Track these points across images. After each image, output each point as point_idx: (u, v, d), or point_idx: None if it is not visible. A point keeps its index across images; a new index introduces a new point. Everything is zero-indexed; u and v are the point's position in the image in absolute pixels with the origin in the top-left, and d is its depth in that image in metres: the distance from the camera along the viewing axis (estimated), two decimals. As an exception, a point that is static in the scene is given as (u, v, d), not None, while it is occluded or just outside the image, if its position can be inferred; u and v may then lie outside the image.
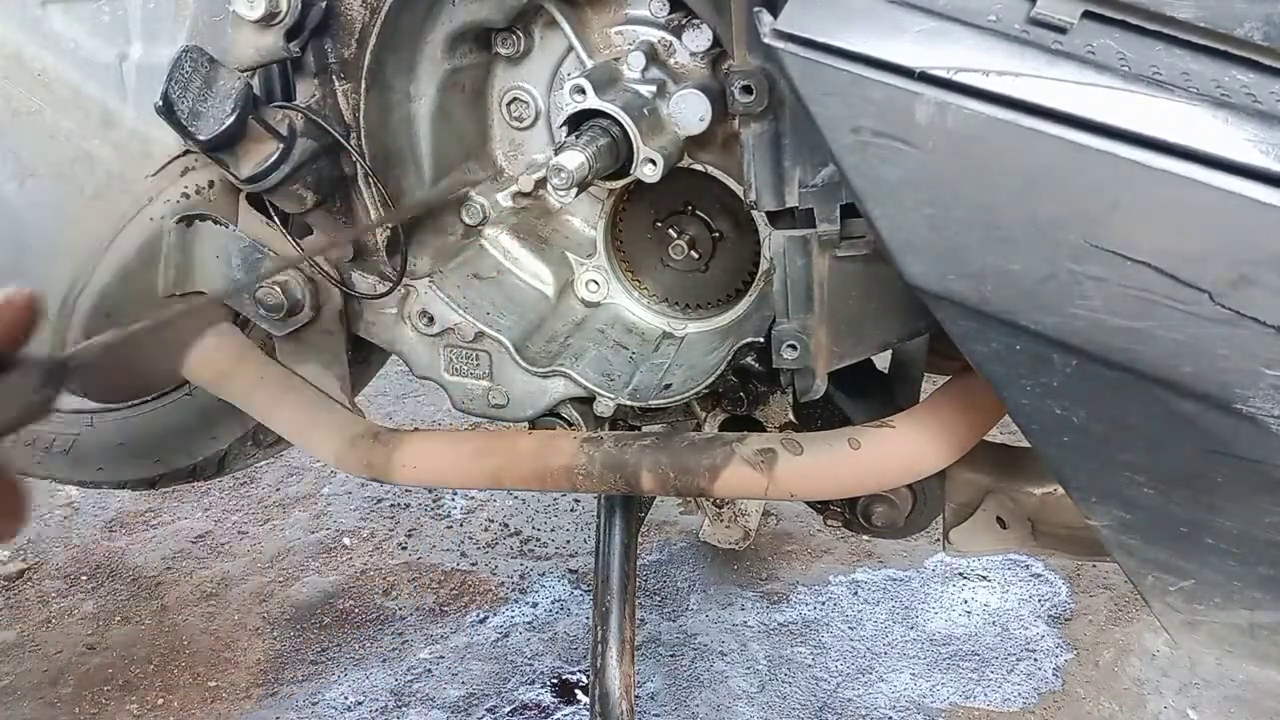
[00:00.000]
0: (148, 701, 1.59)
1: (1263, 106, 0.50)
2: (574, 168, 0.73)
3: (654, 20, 0.83)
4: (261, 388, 0.97)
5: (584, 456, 0.87)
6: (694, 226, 0.92)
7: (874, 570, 1.83)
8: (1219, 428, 0.56)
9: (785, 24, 0.55)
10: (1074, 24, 0.53)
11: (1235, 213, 0.50)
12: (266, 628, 1.73)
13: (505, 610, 1.76)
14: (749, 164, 0.71)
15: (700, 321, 0.96)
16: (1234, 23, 0.52)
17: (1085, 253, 0.54)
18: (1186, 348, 0.54)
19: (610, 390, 0.90)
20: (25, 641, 1.72)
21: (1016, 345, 0.59)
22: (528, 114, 0.91)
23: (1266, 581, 0.65)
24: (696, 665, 1.61)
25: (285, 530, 2.00)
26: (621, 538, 1.12)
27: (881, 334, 0.78)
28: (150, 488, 1.39)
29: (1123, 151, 0.51)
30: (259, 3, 0.76)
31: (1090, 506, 0.66)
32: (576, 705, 1.54)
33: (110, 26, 0.93)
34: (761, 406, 0.95)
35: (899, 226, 0.58)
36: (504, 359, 0.91)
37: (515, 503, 2.06)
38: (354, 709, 1.55)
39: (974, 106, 0.53)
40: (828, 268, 0.73)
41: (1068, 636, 1.66)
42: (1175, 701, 1.52)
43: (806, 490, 0.85)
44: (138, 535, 2.00)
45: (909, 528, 0.95)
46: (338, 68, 0.81)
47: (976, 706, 1.53)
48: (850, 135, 0.56)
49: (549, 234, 0.96)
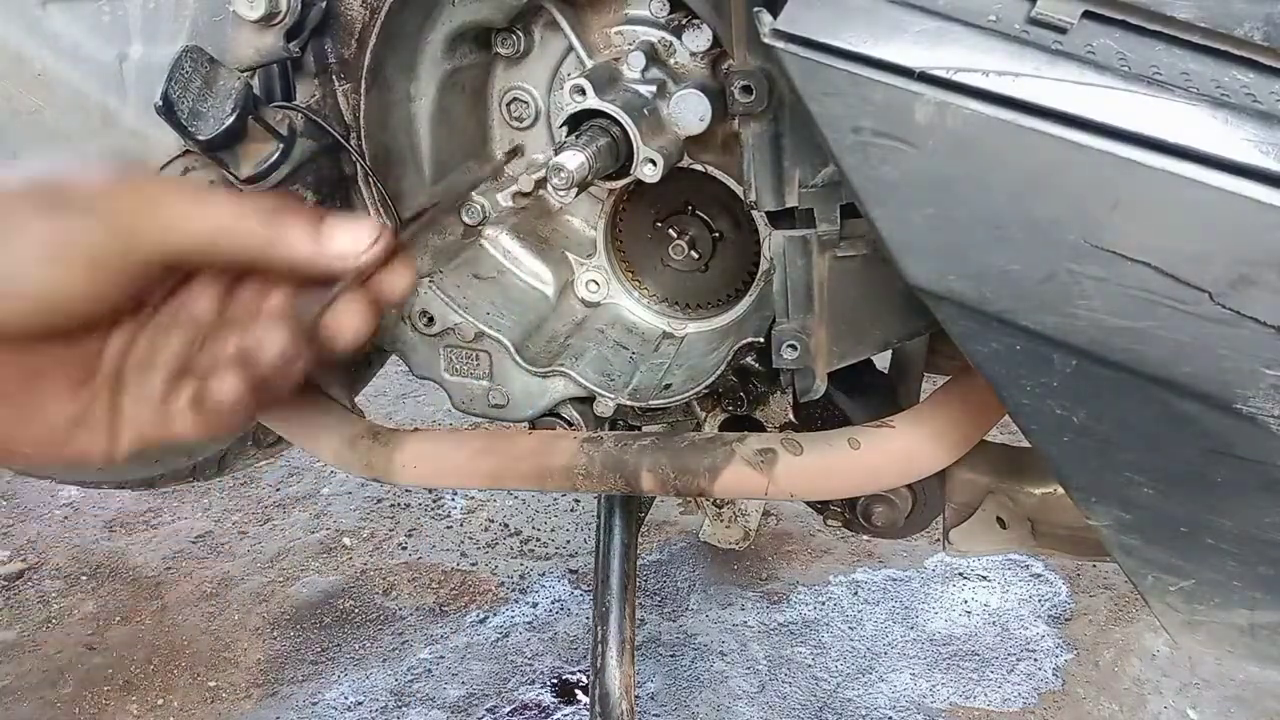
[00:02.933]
0: (148, 701, 1.59)
1: (1263, 106, 0.50)
2: (574, 168, 0.73)
3: (654, 20, 0.83)
4: (261, 388, 0.97)
5: (584, 456, 0.87)
6: (694, 226, 0.92)
7: (874, 570, 1.83)
8: (1219, 428, 0.56)
9: (785, 24, 0.55)
10: (1074, 24, 0.53)
11: (1235, 213, 0.50)
12: (266, 628, 1.73)
13: (505, 610, 1.76)
14: (749, 164, 0.71)
15: (700, 321, 0.96)
16: (1234, 23, 0.52)
17: (1085, 253, 0.54)
18: (1186, 348, 0.54)
19: (610, 390, 0.90)
20: (25, 641, 1.72)
21: (1016, 345, 0.59)
22: (528, 114, 0.91)
23: (1266, 581, 0.65)
24: (696, 665, 1.61)
25: (285, 530, 2.00)
26: (621, 538, 1.12)
27: (881, 334, 0.78)
28: (150, 488, 1.39)
29: (1123, 151, 0.51)
30: (259, 3, 0.76)
31: (1090, 506, 0.66)
32: (576, 705, 1.54)
33: (110, 26, 0.93)
34: (761, 406, 0.95)
35: (899, 226, 0.58)
36: (504, 359, 0.91)
37: (515, 503, 2.06)
38: (354, 709, 1.55)
39: (974, 106, 0.52)
40: (828, 268, 0.73)
41: (1068, 636, 1.66)
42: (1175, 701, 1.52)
43: (806, 490, 0.85)
44: (138, 535, 2.00)
45: (909, 528, 0.95)
46: (338, 68, 0.81)
47: (976, 706, 1.53)
48: (850, 135, 0.56)
49: (549, 234, 0.96)
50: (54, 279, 0.48)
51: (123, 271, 0.50)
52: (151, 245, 0.51)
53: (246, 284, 0.57)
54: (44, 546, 1.97)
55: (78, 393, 0.54)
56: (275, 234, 0.53)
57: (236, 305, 0.56)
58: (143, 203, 0.51)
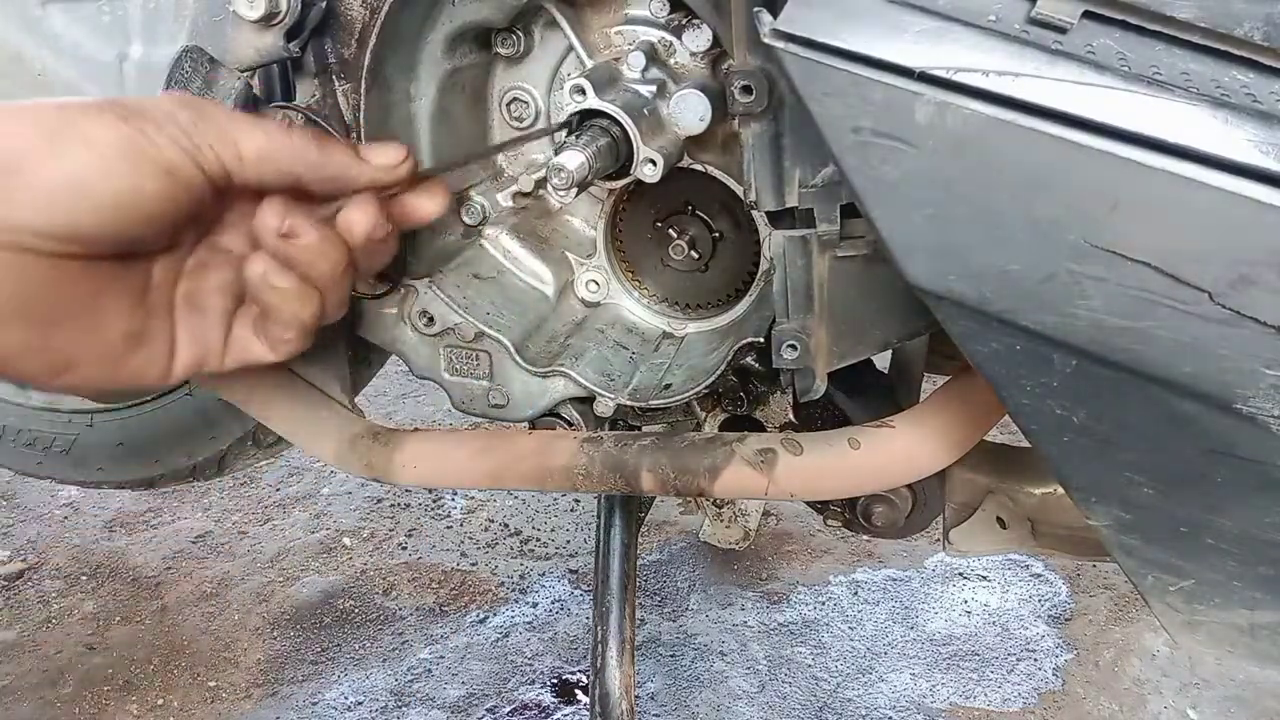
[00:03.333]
0: (148, 701, 1.59)
1: (1263, 106, 0.50)
2: (574, 168, 0.73)
3: (654, 20, 0.83)
4: (261, 387, 0.97)
5: (584, 457, 0.87)
6: (694, 226, 0.92)
7: (874, 570, 1.83)
8: (1219, 428, 0.56)
9: (785, 24, 0.55)
10: (1074, 24, 0.53)
11: (1235, 213, 0.50)
12: (266, 628, 1.73)
13: (505, 610, 1.76)
14: (749, 164, 0.71)
15: (700, 321, 0.96)
16: (1234, 23, 0.52)
17: (1085, 253, 0.54)
18: (1186, 348, 0.54)
19: (610, 390, 0.90)
20: (25, 641, 1.72)
21: (1016, 345, 0.59)
22: (528, 114, 0.91)
23: (1266, 581, 0.65)
24: (696, 665, 1.61)
25: (285, 530, 2.00)
26: (621, 538, 1.12)
27: (881, 334, 0.77)
28: (150, 488, 1.39)
29: (1123, 151, 0.51)
30: (259, 3, 0.76)
31: (1090, 506, 0.66)
32: (576, 705, 1.54)
33: (110, 26, 0.93)
34: (761, 406, 0.95)
35: (899, 226, 0.58)
36: (504, 359, 0.91)
37: (515, 503, 2.06)
38: (354, 709, 1.55)
39: (974, 106, 0.53)
40: (828, 268, 0.73)
41: (1068, 636, 1.66)
42: (1175, 701, 1.52)
43: (806, 490, 0.85)
44: (138, 535, 2.00)
45: (909, 528, 0.95)
46: (338, 68, 0.81)
47: (976, 706, 1.53)
48: (850, 135, 0.56)
49: (549, 234, 0.96)
50: (129, 185, 0.53)
51: (189, 182, 0.55)
52: (214, 157, 0.56)
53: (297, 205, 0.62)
54: (44, 546, 1.97)
55: (134, 311, 0.59)
56: (324, 149, 0.61)
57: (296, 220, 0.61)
58: (207, 120, 0.56)
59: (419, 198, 0.65)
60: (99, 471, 1.36)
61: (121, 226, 0.54)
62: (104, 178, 0.52)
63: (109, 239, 0.54)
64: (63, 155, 0.51)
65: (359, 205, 0.62)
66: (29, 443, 1.36)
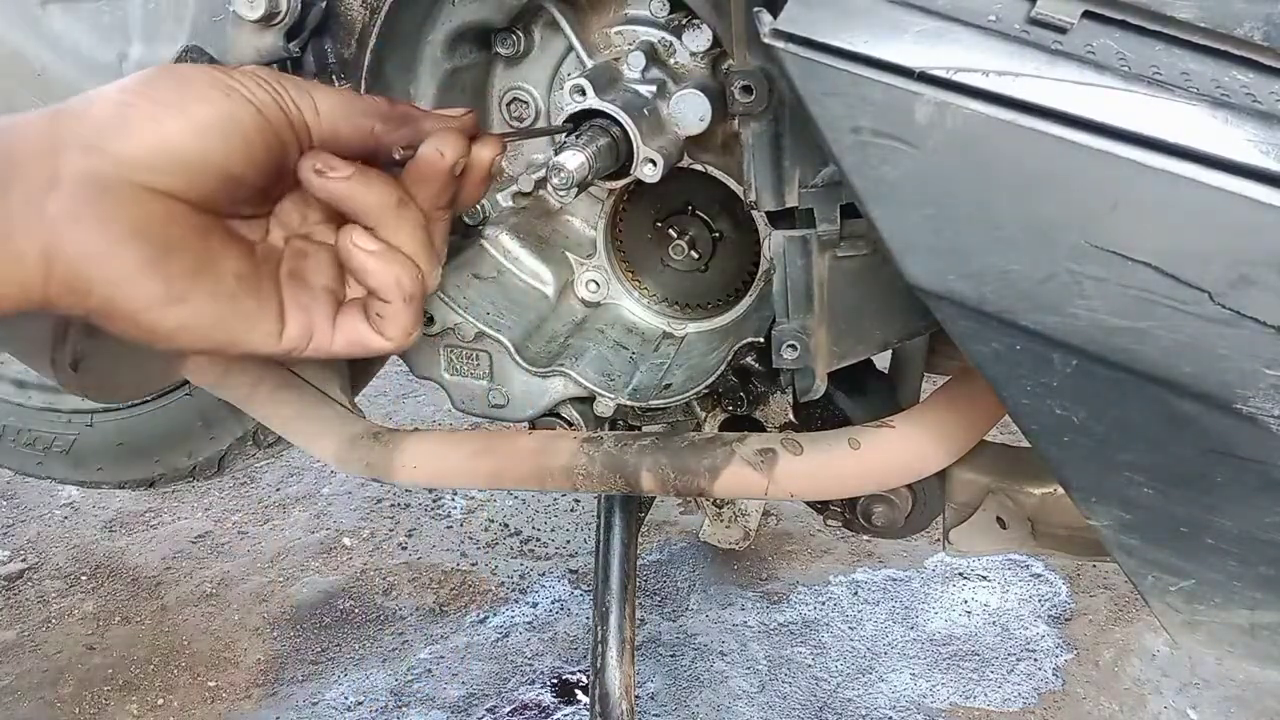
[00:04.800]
0: (148, 701, 1.59)
1: (1263, 106, 0.50)
2: (574, 168, 0.73)
3: (654, 20, 0.83)
4: (261, 388, 0.97)
5: (584, 457, 0.87)
6: (694, 227, 0.92)
7: (874, 570, 1.83)
8: (1219, 428, 0.56)
9: (785, 24, 0.55)
10: (1074, 24, 0.53)
11: (1235, 213, 0.50)
12: (266, 628, 1.73)
13: (505, 610, 1.76)
14: (749, 164, 0.70)
15: (700, 321, 0.96)
16: (1234, 23, 0.52)
17: (1085, 253, 0.54)
18: (1186, 348, 0.54)
19: (610, 390, 0.90)
20: (25, 641, 1.72)
21: (1016, 345, 0.59)
22: (528, 114, 0.91)
23: (1266, 581, 0.65)
24: (696, 665, 1.62)
25: (285, 530, 2.00)
26: (621, 538, 1.12)
27: (881, 334, 0.78)
28: (150, 488, 1.40)
29: (1123, 151, 0.51)
30: (259, 3, 0.76)
31: (1090, 506, 0.66)
32: (576, 705, 1.54)
33: (110, 26, 0.93)
34: (761, 406, 0.95)
35: (899, 226, 0.58)
36: (504, 359, 0.91)
37: (515, 503, 2.06)
38: (354, 709, 1.55)
39: (974, 106, 0.52)
40: (828, 268, 0.73)
41: (1068, 636, 1.66)
42: (1175, 701, 1.52)
43: (806, 490, 0.85)
44: (138, 535, 2.00)
45: (909, 528, 0.95)
46: (338, 68, 0.81)
47: (976, 706, 1.53)
48: (850, 135, 0.56)
49: (549, 234, 0.96)
50: (224, 110, 0.56)
51: (276, 123, 0.58)
52: (294, 106, 0.59)
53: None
54: (44, 546, 1.97)
55: (244, 259, 0.61)
56: (394, 103, 0.64)
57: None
58: (283, 76, 0.60)
59: (480, 146, 0.67)
60: (99, 471, 1.36)
61: (219, 157, 0.56)
62: (200, 102, 0.56)
63: (214, 169, 0.56)
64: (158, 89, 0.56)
65: (440, 136, 0.65)
66: (29, 443, 1.36)
